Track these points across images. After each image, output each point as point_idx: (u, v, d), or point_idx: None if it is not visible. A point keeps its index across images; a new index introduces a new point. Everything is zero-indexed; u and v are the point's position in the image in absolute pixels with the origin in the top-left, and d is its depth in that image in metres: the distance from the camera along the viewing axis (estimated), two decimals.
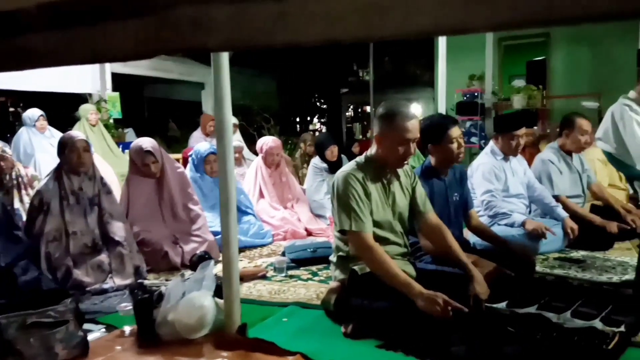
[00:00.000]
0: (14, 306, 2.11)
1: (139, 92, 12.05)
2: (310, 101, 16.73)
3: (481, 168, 3.46)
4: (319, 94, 16.69)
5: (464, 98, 7.44)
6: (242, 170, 5.14)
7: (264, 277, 3.20)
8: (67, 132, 3.50)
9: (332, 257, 2.53)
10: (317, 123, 17.25)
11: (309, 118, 17.11)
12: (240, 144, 5.85)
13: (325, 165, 5.01)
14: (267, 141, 4.77)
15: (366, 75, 13.84)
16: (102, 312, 2.62)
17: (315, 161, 5.11)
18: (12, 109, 9.68)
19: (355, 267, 2.29)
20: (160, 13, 0.79)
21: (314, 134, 9.10)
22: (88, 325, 2.35)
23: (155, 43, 0.82)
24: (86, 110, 6.03)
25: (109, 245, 3.12)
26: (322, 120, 17.27)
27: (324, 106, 17.15)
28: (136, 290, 2.81)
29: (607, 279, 2.95)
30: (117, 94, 7.14)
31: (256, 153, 4.99)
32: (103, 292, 2.91)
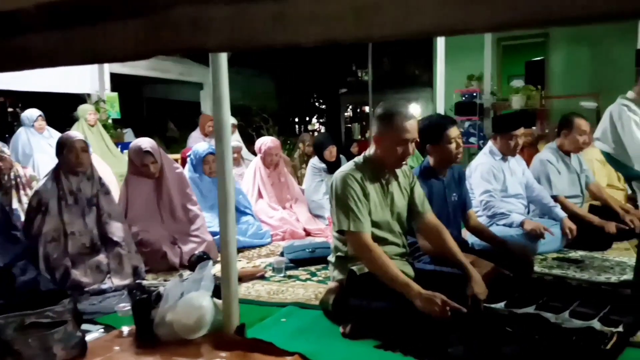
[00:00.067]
0: (13, 306, 2.11)
1: (137, 92, 12.03)
2: (309, 101, 16.72)
3: (480, 168, 3.47)
4: (317, 94, 16.69)
5: (463, 98, 7.45)
6: (241, 171, 5.13)
7: (262, 277, 3.20)
8: (66, 132, 3.49)
9: (331, 258, 2.53)
10: (316, 123, 17.24)
11: (307, 118, 17.11)
12: (239, 144, 5.85)
13: (323, 165, 5.01)
14: (265, 141, 4.77)
15: (365, 75, 13.84)
16: (100, 312, 2.62)
17: (314, 161, 5.11)
18: (10, 109, 9.67)
19: (354, 268, 2.29)
20: (159, 13, 0.79)
21: (312, 134, 9.09)
22: (86, 326, 2.34)
23: (154, 43, 0.82)
24: (85, 110, 6.03)
25: (108, 245, 3.12)
26: (321, 120, 17.27)
27: (323, 106, 17.15)
28: (135, 291, 2.81)
29: (606, 279, 2.95)
30: (115, 94, 7.14)
31: (255, 153, 4.99)
32: (101, 292, 2.91)
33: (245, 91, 11.48)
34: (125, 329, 2.32)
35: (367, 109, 13.11)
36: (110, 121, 6.75)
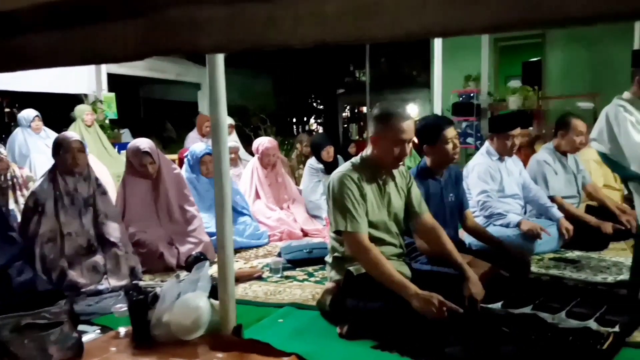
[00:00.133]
0: (9, 307, 2.11)
1: (135, 93, 12.02)
2: (306, 102, 16.73)
3: (477, 168, 3.47)
4: (315, 94, 16.69)
5: (460, 99, 7.46)
6: (238, 171, 5.13)
7: (259, 278, 3.20)
8: (62, 132, 3.49)
9: (328, 258, 2.53)
10: (313, 124, 17.25)
11: (305, 119, 17.11)
12: (237, 144, 5.84)
13: (321, 166, 5.01)
14: (263, 142, 4.77)
15: (362, 75, 13.85)
16: (97, 313, 2.61)
17: (312, 162, 5.11)
18: (7, 110, 9.65)
19: (351, 268, 2.30)
20: (155, 14, 0.79)
21: (310, 134, 9.09)
22: (83, 327, 2.34)
23: (150, 44, 0.82)
24: (82, 110, 6.02)
25: (104, 246, 3.11)
26: (318, 120, 17.28)
27: (321, 107, 17.15)
28: (131, 292, 2.79)
29: (602, 279, 2.96)
30: (112, 94, 7.12)
31: (252, 154, 4.99)
32: (98, 293, 2.90)
33: (243, 91, 11.47)
34: (122, 330, 2.32)
35: (364, 109, 13.12)
36: (107, 121, 6.74)
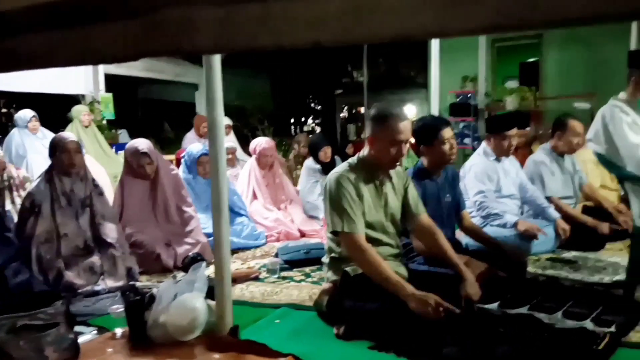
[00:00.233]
0: (5, 308, 2.10)
1: (132, 93, 12.01)
2: (304, 102, 16.74)
3: (474, 169, 3.48)
4: (313, 95, 16.70)
5: (458, 99, 7.48)
6: (236, 171, 5.12)
7: (256, 278, 3.19)
8: (59, 133, 3.48)
9: (325, 259, 2.52)
10: (311, 124, 17.25)
11: (303, 119, 17.12)
12: (234, 145, 5.83)
13: (318, 166, 5.01)
14: (260, 142, 4.76)
15: (360, 76, 13.85)
16: (93, 314, 2.61)
17: (309, 162, 5.10)
18: (4, 110, 9.63)
19: (348, 269, 2.30)
20: (147, 16, 0.79)
21: (308, 135, 9.09)
22: (79, 328, 2.34)
23: (143, 45, 0.82)
24: (79, 111, 6.01)
25: (101, 247, 3.11)
26: (316, 121, 17.28)
27: (319, 107, 17.15)
28: (128, 292, 2.80)
29: (599, 279, 2.96)
30: (110, 94, 7.12)
31: (250, 154, 4.99)
32: (95, 294, 2.89)
33: (241, 92, 11.47)
34: (119, 331, 2.31)
35: (362, 109, 13.12)
36: (104, 122, 6.73)
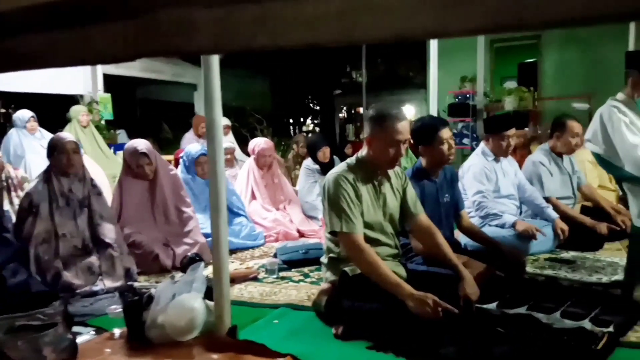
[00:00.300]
0: (3, 309, 2.10)
1: (131, 93, 11.99)
2: (303, 102, 16.74)
3: (472, 169, 3.48)
4: (312, 95, 16.70)
5: (456, 100, 7.48)
6: (234, 172, 5.12)
7: (255, 278, 3.19)
8: (57, 133, 3.48)
9: (324, 259, 2.52)
10: (310, 124, 17.25)
11: (302, 119, 17.12)
12: (233, 145, 5.83)
13: (317, 166, 5.01)
14: (259, 142, 4.76)
15: (359, 76, 13.88)
16: (92, 314, 2.60)
17: (308, 162, 5.10)
18: (2, 110, 9.60)
19: (346, 269, 2.30)
20: (147, 16, 0.79)
21: (307, 135, 9.09)
22: (77, 328, 2.33)
23: (142, 45, 0.82)
24: (77, 111, 6.00)
25: (99, 247, 3.10)
26: (315, 121, 17.28)
27: (317, 108, 17.16)
28: (126, 293, 2.80)
29: (597, 279, 2.96)
30: (108, 95, 7.11)
31: (249, 154, 4.99)
32: (93, 294, 2.89)
33: (240, 92, 11.47)
34: (117, 331, 2.31)
35: (361, 110, 13.13)
36: (103, 122, 6.72)
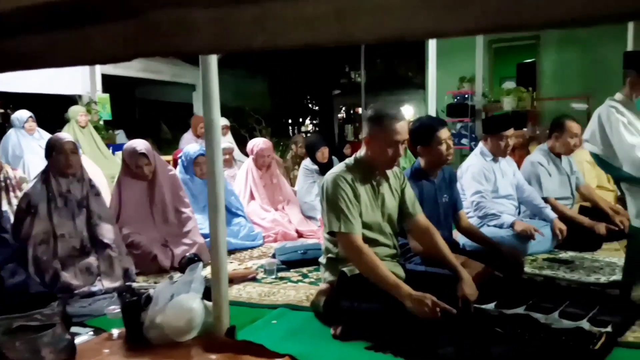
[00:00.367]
0: (1, 309, 2.09)
1: (129, 94, 11.97)
2: (302, 103, 16.74)
3: (471, 169, 3.48)
4: (311, 95, 16.70)
5: (455, 100, 7.49)
6: (233, 172, 5.12)
7: (254, 279, 3.19)
8: (55, 134, 3.47)
9: (322, 259, 2.52)
10: (309, 125, 17.25)
11: (301, 120, 17.12)
12: (231, 145, 5.83)
13: (316, 167, 5.01)
14: (257, 143, 4.76)
15: (358, 77, 13.88)
16: (90, 315, 2.60)
17: (306, 163, 5.10)
18: (1, 111, 9.59)
19: (345, 269, 2.30)
20: (142, 16, 0.79)
21: (305, 135, 9.09)
22: (76, 329, 2.33)
23: (138, 45, 0.82)
24: (76, 111, 5.99)
25: (98, 247, 3.10)
26: (314, 122, 17.29)
27: (316, 108, 17.16)
28: (125, 293, 2.79)
29: (595, 279, 2.97)
30: (107, 95, 7.10)
31: (247, 154, 4.99)
32: (91, 295, 2.89)
33: (239, 92, 11.46)
34: (115, 332, 2.31)
35: (360, 110, 13.14)
36: (101, 122, 6.71)
